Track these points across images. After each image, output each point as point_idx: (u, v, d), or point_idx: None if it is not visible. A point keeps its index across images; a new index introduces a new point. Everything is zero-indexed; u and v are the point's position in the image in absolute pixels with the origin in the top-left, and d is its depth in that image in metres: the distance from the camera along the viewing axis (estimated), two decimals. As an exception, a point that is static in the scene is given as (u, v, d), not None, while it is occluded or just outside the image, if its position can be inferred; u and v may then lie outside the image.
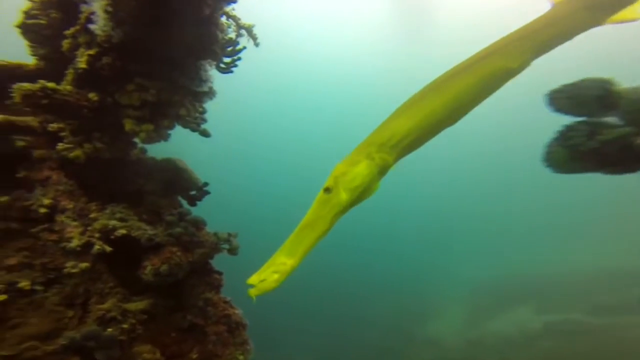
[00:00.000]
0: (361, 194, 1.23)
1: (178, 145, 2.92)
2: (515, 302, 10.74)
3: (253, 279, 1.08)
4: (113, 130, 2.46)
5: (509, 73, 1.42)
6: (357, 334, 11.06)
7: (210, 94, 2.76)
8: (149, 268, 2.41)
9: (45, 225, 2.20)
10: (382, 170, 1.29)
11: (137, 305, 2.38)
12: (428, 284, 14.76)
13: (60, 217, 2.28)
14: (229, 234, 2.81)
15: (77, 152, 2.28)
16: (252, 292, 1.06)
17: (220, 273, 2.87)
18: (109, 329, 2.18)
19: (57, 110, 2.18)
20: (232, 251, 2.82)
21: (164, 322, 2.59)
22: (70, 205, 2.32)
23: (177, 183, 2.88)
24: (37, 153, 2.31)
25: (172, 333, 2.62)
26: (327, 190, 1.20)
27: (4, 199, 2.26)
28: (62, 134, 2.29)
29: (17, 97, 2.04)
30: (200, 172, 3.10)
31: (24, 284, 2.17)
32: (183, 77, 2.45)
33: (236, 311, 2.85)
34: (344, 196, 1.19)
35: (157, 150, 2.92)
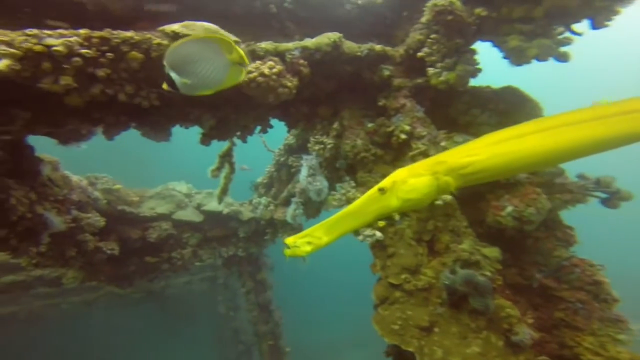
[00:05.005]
0: (411, 207, 1.18)
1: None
2: None
3: (290, 241, 1.14)
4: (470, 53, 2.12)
5: None
6: None
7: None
8: (508, 209, 1.96)
9: (422, 149, 2.12)
10: (441, 192, 1.19)
11: (492, 251, 1.99)
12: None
13: (416, 144, 2.20)
14: (611, 177, 1.93)
15: (449, 76, 2.06)
16: (287, 252, 1.14)
17: (571, 228, 2.09)
18: (477, 274, 1.89)
19: (452, 28, 1.99)
20: (614, 203, 1.93)
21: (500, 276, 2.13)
22: (424, 132, 2.19)
23: (515, 114, 2.29)
24: (396, 82, 2.31)
25: (505, 290, 2.13)
26: (382, 190, 1.15)
27: (371, 125, 2.43)
28: (431, 58, 2.13)
29: (428, 14, 1.98)
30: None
31: None
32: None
33: (606, 279, 1.99)
34: (394, 203, 1.15)
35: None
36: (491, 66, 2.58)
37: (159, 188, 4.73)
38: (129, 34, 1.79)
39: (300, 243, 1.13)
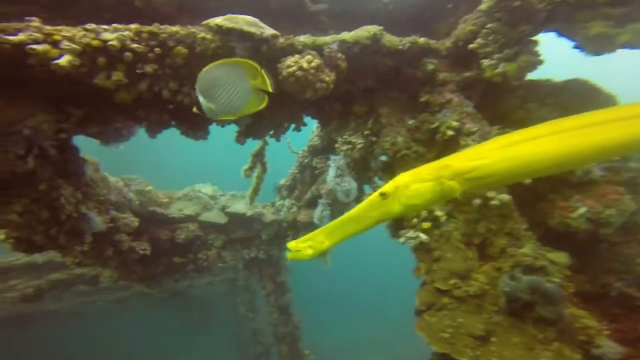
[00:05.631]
0: (415, 212, 1.25)
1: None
2: None
3: (292, 245, 1.13)
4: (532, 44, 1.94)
5: None
6: None
7: None
8: (581, 211, 1.76)
9: (473, 146, 1.97)
10: (446, 198, 1.13)
11: (560, 257, 1.80)
12: None
13: (465, 141, 2.04)
14: None
15: (508, 68, 1.88)
16: (289, 256, 1.13)
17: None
18: (544, 281, 1.70)
19: (518, 16, 1.83)
20: None
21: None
22: (474, 128, 2.03)
23: (583, 108, 2.08)
24: (441, 76, 2.17)
25: (574, 298, 1.92)
26: (383, 195, 1.11)
27: (413, 122, 2.30)
28: (486, 50, 1.97)
29: (490, 1, 1.83)
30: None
31: (440, 214, 2.09)
32: None
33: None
34: (396, 208, 1.12)
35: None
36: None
37: (186, 190, 4.77)
38: (175, 28, 1.77)
39: (302, 247, 1.12)
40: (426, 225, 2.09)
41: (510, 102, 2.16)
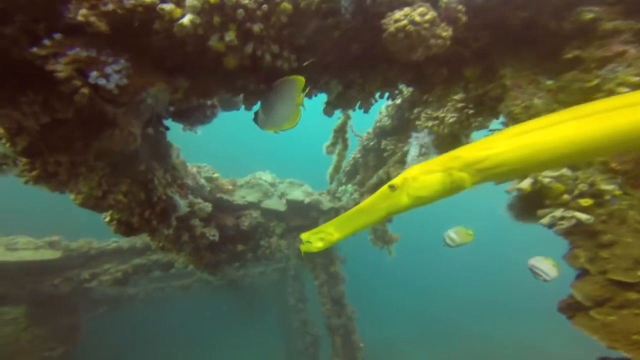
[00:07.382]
0: (422, 203, 1.14)
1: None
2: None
3: (304, 236, 1.15)
4: None
5: None
6: None
7: None
8: None
9: None
10: (455, 190, 1.10)
11: None
12: None
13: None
14: None
15: None
16: (302, 247, 1.16)
17: None
18: None
19: None
20: None
21: None
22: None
23: None
24: (608, 26, 1.70)
25: None
26: (392, 187, 1.11)
27: (551, 83, 1.85)
28: None
29: None
30: None
31: (608, 187, 1.66)
32: None
33: None
34: (404, 200, 1.11)
35: None
36: None
37: (248, 177, 4.71)
38: (280, -20, 1.52)
39: (313, 239, 1.14)
40: (585, 202, 1.66)
41: None
